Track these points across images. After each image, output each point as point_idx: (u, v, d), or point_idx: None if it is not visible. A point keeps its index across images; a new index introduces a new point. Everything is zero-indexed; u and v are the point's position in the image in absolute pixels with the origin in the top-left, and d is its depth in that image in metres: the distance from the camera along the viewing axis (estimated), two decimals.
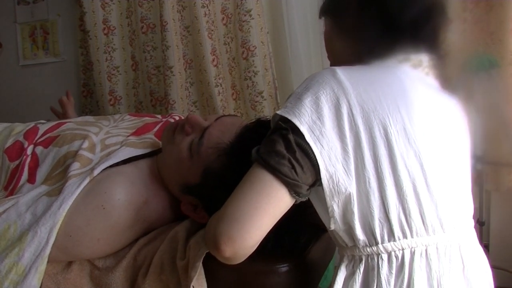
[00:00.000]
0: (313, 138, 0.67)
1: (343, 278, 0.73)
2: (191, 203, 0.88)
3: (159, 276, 0.80)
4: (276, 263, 0.80)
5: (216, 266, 0.77)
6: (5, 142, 1.02)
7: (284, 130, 0.68)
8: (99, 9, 1.95)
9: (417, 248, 0.69)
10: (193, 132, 0.87)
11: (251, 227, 0.64)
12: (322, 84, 0.70)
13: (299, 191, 0.66)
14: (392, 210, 0.68)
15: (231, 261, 0.67)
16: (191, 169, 0.84)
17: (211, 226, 0.68)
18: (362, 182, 0.68)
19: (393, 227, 0.69)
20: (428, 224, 0.69)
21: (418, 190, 0.68)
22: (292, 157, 0.66)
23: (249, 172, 0.68)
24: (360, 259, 0.71)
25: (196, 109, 1.91)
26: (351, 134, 0.68)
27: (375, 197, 0.68)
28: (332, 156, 0.67)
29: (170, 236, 0.85)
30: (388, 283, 0.68)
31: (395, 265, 0.69)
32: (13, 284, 0.78)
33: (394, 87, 0.72)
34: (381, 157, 0.68)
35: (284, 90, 1.83)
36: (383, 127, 0.68)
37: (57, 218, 0.80)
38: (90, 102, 2.14)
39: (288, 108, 0.69)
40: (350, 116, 0.68)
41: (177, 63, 1.82)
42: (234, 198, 0.67)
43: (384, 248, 0.69)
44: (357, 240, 0.71)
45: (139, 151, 0.96)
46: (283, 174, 0.65)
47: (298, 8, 1.79)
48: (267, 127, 0.76)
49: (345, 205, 0.69)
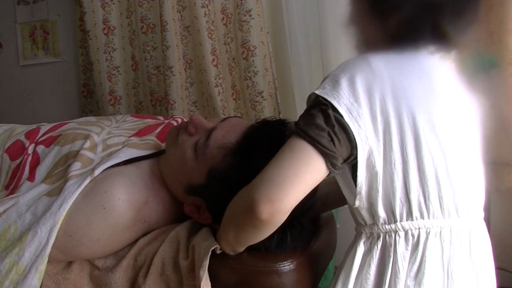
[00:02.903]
0: (351, 119, 0.71)
1: (361, 253, 0.78)
2: (195, 204, 0.88)
3: (160, 276, 0.80)
4: (277, 263, 0.80)
5: (217, 266, 0.78)
6: (6, 142, 1.02)
7: (324, 106, 0.72)
8: (99, 9, 1.95)
9: (432, 229, 0.74)
10: (196, 133, 0.87)
11: (291, 191, 0.67)
12: (358, 69, 0.74)
13: (335, 162, 0.70)
14: (413, 192, 0.74)
15: (264, 225, 0.69)
16: (195, 170, 0.84)
17: (246, 192, 0.70)
18: (388, 163, 0.73)
19: (412, 207, 0.74)
20: (444, 208, 0.75)
21: (439, 176, 0.74)
22: (331, 131, 0.70)
23: (287, 144, 0.72)
24: (378, 236, 0.77)
25: (196, 109, 1.91)
26: (382, 118, 0.73)
27: (399, 178, 0.74)
28: (367, 136, 0.72)
29: (171, 236, 0.85)
30: (403, 258, 0.74)
31: (411, 243, 0.75)
32: (13, 283, 0.78)
33: (424, 78, 0.77)
34: (408, 142, 0.73)
35: (284, 90, 1.83)
36: (412, 115, 0.73)
37: (58, 218, 0.80)
38: (90, 102, 2.13)
39: (326, 90, 0.73)
40: (382, 101, 0.73)
41: (177, 63, 1.82)
42: (273, 166, 0.70)
43: (402, 226, 0.75)
44: (377, 218, 0.76)
45: (140, 152, 0.96)
46: (322, 145, 0.69)
47: (298, 8, 1.79)
48: (273, 127, 0.78)
49: (371, 183, 0.75)
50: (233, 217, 0.75)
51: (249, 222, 0.69)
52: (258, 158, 0.75)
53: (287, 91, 1.83)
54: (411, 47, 0.78)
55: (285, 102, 1.83)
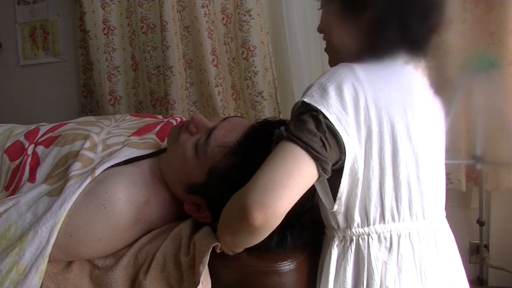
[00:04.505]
0: (340, 127, 0.73)
1: (336, 257, 0.80)
2: (195, 203, 0.88)
3: (161, 272, 0.80)
4: (277, 263, 0.80)
5: (217, 265, 0.78)
6: (5, 143, 1.02)
7: (314, 112, 0.73)
8: (99, 9, 1.95)
9: (402, 231, 0.78)
10: (197, 132, 0.87)
11: (284, 195, 0.67)
12: (344, 78, 0.76)
13: (326, 167, 0.71)
14: (387, 197, 0.77)
15: (258, 230, 0.69)
16: (196, 168, 0.85)
17: (239, 198, 0.70)
18: (367, 170, 0.76)
19: (385, 211, 0.77)
20: (413, 211, 0.79)
21: (410, 182, 0.78)
22: (323, 136, 0.71)
23: (278, 148, 0.72)
24: (351, 239, 0.79)
25: (196, 109, 1.91)
26: (365, 127, 0.75)
27: (375, 184, 0.76)
28: (354, 144, 0.74)
29: (174, 233, 0.85)
30: (377, 260, 0.77)
31: (384, 245, 0.78)
32: (13, 283, 0.78)
33: (403, 88, 0.81)
34: (386, 150, 0.76)
35: (284, 90, 1.83)
36: (391, 124, 0.76)
37: (58, 218, 0.80)
38: (90, 102, 2.14)
39: (315, 98, 0.74)
40: (366, 110, 0.75)
41: (177, 63, 1.82)
42: (266, 170, 0.70)
43: (375, 229, 0.78)
44: (351, 221, 0.79)
45: (140, 151, 0.97)
46: (315, 150, 0.70)
47: (298, 8, 1.79)
48: (274, 126, 0.78)
49: (351, 189, 0.77)
50: (228, 223, 0.75)
51: (243, 228, 0.69)
52: (259, 158, 0.75)
53: (287, 91, 1.83)
54: (385, 52, 0.80)
55: (285, 102, 1.83)
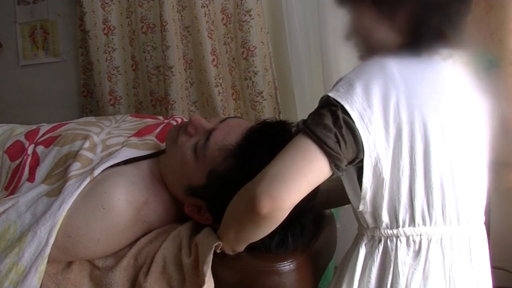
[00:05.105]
0: (362, 125, 0.71)
1: (363, 255, 0.79)
2: (195, 205, 0.87)
3: (161, 274, 0.80)
4: (277, 263, 0.80)
5: (217, 265, 0.77)
6: (6, 143, 1.02)
7: (334, 107, 0.72)
8: (99, 9, 1.95)
9: (433, 236, 0.75)
10: (196, 134, 0.87)
11: (292, 189, 0.67)
12: (374, 75, 0.74)
13: (339, 164, 0.70)
14: (417, 199, 0.74)
15: (264, 220, 0.69)
16: (195, 171, 0.84)
17: (248, 187, 0.71)
18: (396, 170, 0.74)
19: (415, 214, 0.75)
20: (446, 216, 0.75)
21: (444, 185, 0.75)
22: (338, 132, 0.70)
23: (293, 141, 0.72)
24: (379, 240, 0.78)
25: (196, 109, 1.91)
26: (394, 125, 0.73)
27: (405, 185, 0.74)
28: (376, 143, 0.72)
29: (173, 234, 0.85)
30: (404, 263, 0.75)
31: (412, 249, 0.75)
32: (13, 284, 0.78)
33: (437, 86, 0.78)
34: (417, 150, 0.73)
35: (284, 90, 1.83)
36: (424, 124, 0.73)
37: (57, 218, 0.80)
38: (90, 102, 2.13)
39: (340, 93, 0.73)
40: (396, 109, 0.73)
41: (177, 63, 1.82)
42: (277, 162, 0.70)
43: (404, 232, 0.76)
44: (380, 222, 0.77)
45: (140, 152, 0.96)
46: (328, 146, 0.69)
47: (298, 8, 1.79)
48: (274, 128, 0.77)
49: (377, 189, 0.75)
50: (234, 213, 0.75)
51: (249, 217, 0.70)
52: (258, 160, 0.74)
53: (287, 91, 1.83)
54: (424, 44, 0.78)
55: (285, 102, 1.82)
